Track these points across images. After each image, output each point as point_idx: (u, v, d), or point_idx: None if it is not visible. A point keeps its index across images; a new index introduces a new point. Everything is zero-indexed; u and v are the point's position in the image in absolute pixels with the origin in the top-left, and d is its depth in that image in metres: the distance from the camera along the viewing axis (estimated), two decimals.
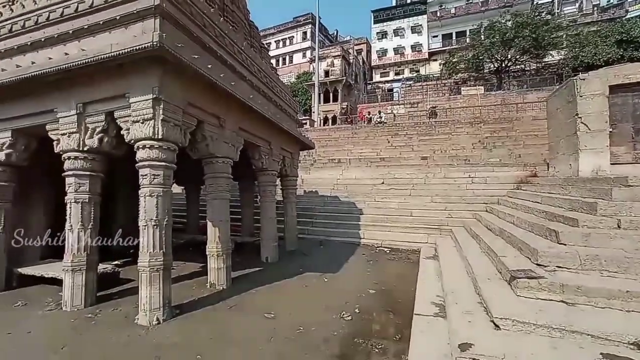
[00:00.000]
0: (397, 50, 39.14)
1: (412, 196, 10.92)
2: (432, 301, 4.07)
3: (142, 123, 3.68)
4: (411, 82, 32.47)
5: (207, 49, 4.37)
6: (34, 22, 4.16)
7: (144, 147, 3.72)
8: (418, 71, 37.45)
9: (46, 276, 4.93)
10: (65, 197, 4.24)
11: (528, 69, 26.57)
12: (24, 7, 4.28)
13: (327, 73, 30.78)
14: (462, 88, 26.39)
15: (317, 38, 26.25)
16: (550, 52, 23.98)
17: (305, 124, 22.35)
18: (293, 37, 42.32)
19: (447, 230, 8.49)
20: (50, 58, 3.88)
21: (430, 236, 8.58)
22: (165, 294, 3.80)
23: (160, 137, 3.66)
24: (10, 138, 4.61)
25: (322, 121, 26.71)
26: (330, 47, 34.77)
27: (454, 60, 27.70)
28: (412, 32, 38.22)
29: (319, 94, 27.44)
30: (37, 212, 5.86)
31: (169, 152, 3.85)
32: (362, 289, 5.06)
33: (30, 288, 4.99)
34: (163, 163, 3.78)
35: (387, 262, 7.03)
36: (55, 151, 4.29)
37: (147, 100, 3.63)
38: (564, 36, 23.96)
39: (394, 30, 39.49)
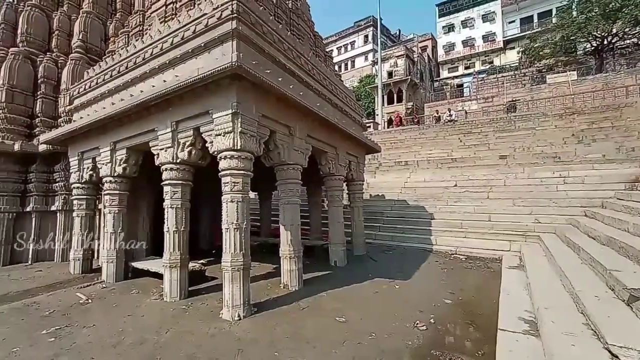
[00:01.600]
0: (467, 43, 36.38)
1: (490, 199, 9.94)
2: (520, 316, 3.62)
3: (223, 136, 4.10)
4: (484, 76, 29.70)
5: (277, 63, 4.68)
6: (142, 59, 5.00)
7: (225, 157, 4.13)
8: (491, 63, 34.19)
9: (151, 270, 5.79)
10: (163, 204, 4.94)
11: None
12: (135, 47, 5.16)
13: (390, 74, 30.15)
14: (547, 76, 23.12)
15: (379, 40, 25.91)
16: None
17: (369, 127, 22.13)
18: (354, 41, 42.52)
19: (534, 237, 7.51)
20: (153, 86, 4.60)
21: (513, 243, 7.69)
22: (245, 292, 4.12)
23: (239, 147, 4.02)
24: (125, 155, 5.58)
25: (386, 123, 26.13)
26: (393, 47, 33.96)
27: (536, 45, 24.44)
28: (484, 21, 35.13)
29: (383, 96, 26.93)
30: (143, 216, 6.94)
31: (247, 161, 4.20)
32: (437, 299, 4.76)
33: (140, 279, 5.93)
34: (242, 171, 4.15)
35: (463, 271, 6.50)
36: (156, 164, 5.02)
37: (227, 115, 4.03)
38: None
39: (461, 21, 36.85)
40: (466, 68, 36.31)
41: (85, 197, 6.79)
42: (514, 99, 20.83)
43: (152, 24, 6.11)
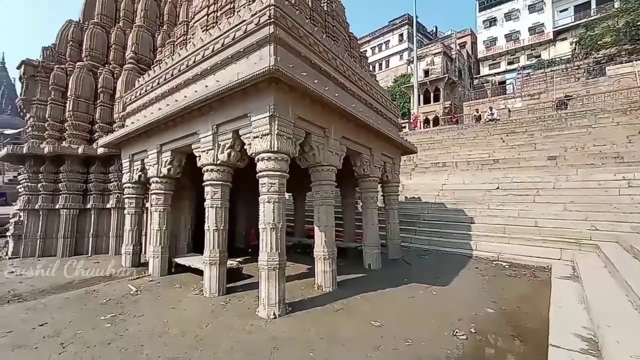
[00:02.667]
0: (510, 37, 34.28)
1: (537, 203, 9.22)
2: (576, 333, 3.31)
3: (261, 138, 4.22)
4: (530, 71, 27.73)
5: (312, 65, 4.74)
6: (185, 66, 5.30)
7: (262, 159, 4.25)
8: (539, 56, 31.85)
9: (192, 266, 6.11)
10: (204, 203, 5.18)
11: None
12: (179, 55, 5.49)
13: (426, 73, 29.21)
14: (607, 68, 20.95)
15: (414, 38, 25.21)
16: None
17: (405, 127, 21.60)
18: (389, 41, 41.80)
19: (591, 246, 6.86)
20: (196, 91, 4.86)
21: (564, 252, 7.07)
22: (281, 292, 4.19)
23: (275, 149, 4.12)
24: (170, 156, 5.95)
25: (422, 123, 25.32)
26: (430, 45, 32.87)
27: (594, 33, 22.22)
28: (530, 12, 32.82)
29: (419, 95, 26.16)
30: (184, 214, 7.35)
31: (283, 162, 4.29)
32: (478, 307, 4.51)
33: (182, 274, 6.28)
34: (278, 172, 4.24)
35: (506, 279, 6.10)
36: (198, 165, 5.29)
37: (265, 117, 4.15)
38: None
39: (505, 14, 34.79)
40: (509, 63, 34.18)
41: (135, 196, 7.33)
42: (565, 95, 19.15)
43: (195, 33, 6.47)
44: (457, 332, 3.68)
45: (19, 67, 8.92)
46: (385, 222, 8.12)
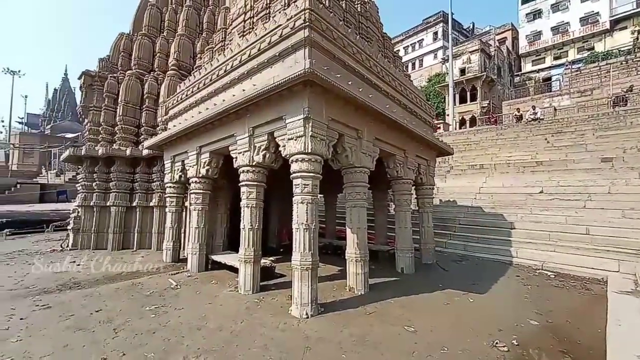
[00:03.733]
0: (557, 29, 32.00)
1: (589, 209, 8.49)
2: None
3: (295, 140, 4.30)
4: (580, 65, 25.62)
5: (346, 66, 4.74)
6: (223, 71, 5.54)
7: (296, 160, 4.32)
8: (591, 49, 29.33)
9: (227, 264, 6.35)
10: (240, 203, 5.36)
11: None
12: (217, 60, 5.75)
13: (462, 71, 28.09)
14: None
15: (450, 36, 24.31)
16: None
17: (439, 127, 20.88)
18: (422, 39, 40.71)
19: None
20: (233, 95, 5.05)
21: (623, 263, 6.44)
22: (313, 291, 4.23)
23: (309, 151, 4.17)
24: (208, 158, 6.24)
25: (458, 123, 24.35)
26: (466, 42, 31.59)
27: None
28: (582, 0, 30.25)
29: (454, 95, 25.18)
30: (221, 213, 7.66)
31: (317, 164, 4.33)
32: (520, 318, 4.24)
33: (218, 271, 6.54)
34: (312, 174, 4.29)
35: (552, 290, 5.67)
36: (234, 166, 5.48)
37: (299, 119, 4.22)
38: None
39: (552, 5, 32.54)
40: (556, 58, 31.84)
41: (175, 195, 7.76)
42: (624, 90, 17.43)
43: (233, 39, 6.74)
44: (497, 343, 3.48)
45: (79, 78, 9.85)
46: (419, 225, 7.89)
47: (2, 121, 42.13)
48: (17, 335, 3.59)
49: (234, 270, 5.97)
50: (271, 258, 7.00)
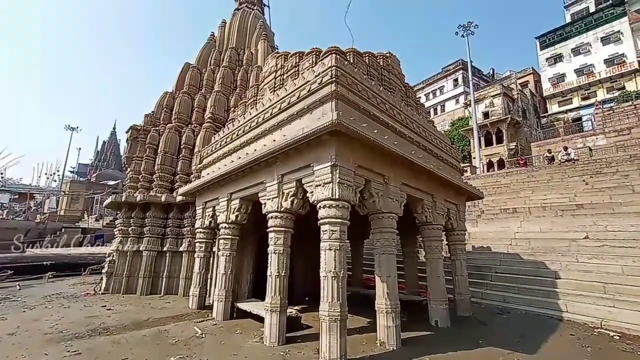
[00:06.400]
0: (582, 71, 31.98)
1: None
2: None
3: (322, 186, 4.40)
4: (612, 104, 24.98)
5: (371, 116, 4.96)
6: (255, 123, 5.97)
7: (324, 206, 4.38)
8: (622, 88, 28.74)
9: (253, 312, 6.20)
10: (267, 249, 5.38)
11: None
12: (250, 114, 6.23)
13: (486, 115, 28.22)
14: None
15: (471, 82, 24.94)
16: None
17: (466, 171, 20.50)
18: (443, 86, 41.97)
19: None
20: (264, 145, 5.37)
21: None
22: (342, 346, 4.00)
23: (337, 197, 4.24)
24: (238, 204, 6.46)
25: (485, 166, 23.84)
26: (487, 87, 32.16)
27: None
28: (604, 44, 30.55)
29: (479, 138, 25.06)
30: (247, 259, 7.67)
31: (344, 210, 4.36)
32: None
33: (243, 320, 6.38)
34: (339, 220, 4.31)
35: (619, 355, 4.94)
36: (263, 212, 5.62)
37: (326, 167, 4.36)
38: None
39: (572, 49, 32.97)
40: (584, 99, 31.38)
41: (205, 240, 7.95)
42: None
43: (264, 94, 7.33)
44: None
45: (127, 131, 10.94)
46: (452, 274, 7.43)
47: (58, 171, 46.64)
48: None
49: (259, 319, 5.81)
50: (297, 307, 6.77)
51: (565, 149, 18.14)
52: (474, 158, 25.73)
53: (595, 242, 8.89)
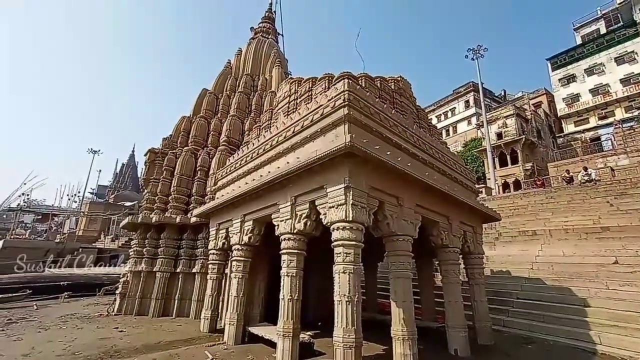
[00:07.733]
0: (597, 91, 31.67)
1: None
2: None
3: (336, 208, 4.40)
4: (633, 123, 24.44)
5: (384, 138, 5.01)
6: (269, 146, 6.11)
7: (337, 228, 4.35)
8: None
9: (264, 337, 6.05)
10: (280, 271, 5.33)
11: None
12: (264, 137, 6.40)
13: (499, 135, 28.00)
14: None
15: (482, 103, 25.00)
16: None
17: (481, 192, 20.10)
18: (454, 108, 42.17)
19: None
20: (278, 167, 5.46)
21: None
22: None
23: (350, 219, 4.22)
24: (251, 225, 6.50)
25: (500, 187, 23.33)
26: (500, 108, 32.11)
27: None
28: (619, 64, 30.34)
29: (493, 159, 24.72)
30: (259, 282, 7.59)
31: (358, 232, 4.32)
32: None
33: (255, 345, 6.22)
34: (353, 242, 4.26)
35: None
36: (276, 234, 5.61)
37: (340, 189, 4.38)
38: None
39: (585, 70, 32.81)
40: (601, 118, 30.80)
41: (217, 262, 7.94)
42: None
43: (278, 118, 7.53)
44: None
45: (145, 154, 11.36)
46: (470, 299, 7.12)
47: (79, 192, 48.41)
48: None
49: (271, 344, 5.65)
50: (309, 332, 6.57)
51: (585, 169, 17.61)
52: (489, 179, 25.25)
53: (626, 267, 8.41)
